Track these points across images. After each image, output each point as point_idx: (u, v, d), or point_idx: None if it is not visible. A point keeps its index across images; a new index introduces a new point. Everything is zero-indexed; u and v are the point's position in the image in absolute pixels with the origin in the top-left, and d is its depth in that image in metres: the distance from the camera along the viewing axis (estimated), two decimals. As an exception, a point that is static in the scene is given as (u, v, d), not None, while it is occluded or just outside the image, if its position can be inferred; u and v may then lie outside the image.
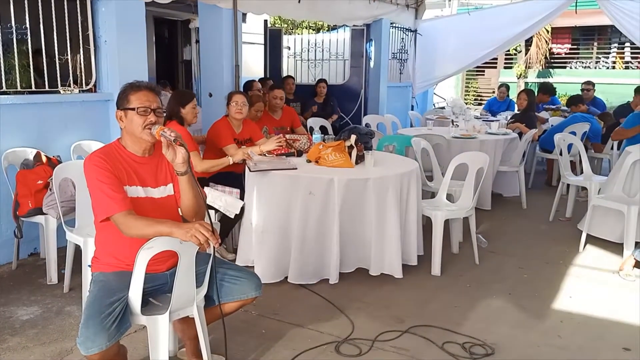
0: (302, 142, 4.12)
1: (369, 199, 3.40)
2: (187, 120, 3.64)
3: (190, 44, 9.12)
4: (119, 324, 1.92)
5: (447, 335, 2.85)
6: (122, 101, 2.14)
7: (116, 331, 1.90)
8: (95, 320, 1.88)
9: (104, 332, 1.86)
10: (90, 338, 1.85)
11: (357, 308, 3.14)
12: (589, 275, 3.76)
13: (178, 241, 1.96)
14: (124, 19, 4.08)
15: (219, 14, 5.10)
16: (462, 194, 3.90)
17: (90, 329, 1.86)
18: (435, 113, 8.07)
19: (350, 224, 3.40)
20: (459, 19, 9.13)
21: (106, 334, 1.86)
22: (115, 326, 1.90)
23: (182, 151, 2.01)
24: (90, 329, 1.86)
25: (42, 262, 3.64)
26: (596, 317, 3.13)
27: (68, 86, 4.05)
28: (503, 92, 8.62)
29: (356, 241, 3.47)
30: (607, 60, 13.35)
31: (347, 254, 3.45)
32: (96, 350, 1.85)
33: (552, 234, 4.69)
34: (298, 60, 8.37)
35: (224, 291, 2.21)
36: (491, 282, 3.58)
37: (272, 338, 2.78)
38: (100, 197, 2.04)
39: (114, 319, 1.91)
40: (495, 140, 5.36)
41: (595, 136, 6.41)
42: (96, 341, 1.84)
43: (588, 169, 5.00)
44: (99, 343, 1.84)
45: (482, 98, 14.27)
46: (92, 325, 1.87)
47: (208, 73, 5.41)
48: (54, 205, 3.27)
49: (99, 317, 1.89)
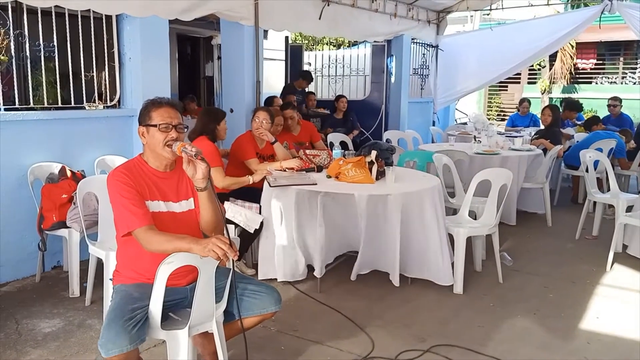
0: (322, 158, 4.11)
1: (389, 215, 3.37)
2: (220, 136, 3.74)
3: (212, 61, 9.26)
4: (140, 329, 1.93)
5: (470, 355, 2.78)
6: (144, 117, 2.16)
7: (137, 336, 1.90)
8: (117, 322, 1.89)
9: (125, 334, 1.86)
10: (112, 340, 1.85)
11: (378, 326, 3.09)
12: (616, 295, 3.65)
13: (198, 256, 1.96)
14: (148, 37, 4.17)
15: (241, 30, 5.17)
16: (485, 210, 3.83)
17: (112, 330, 1.87)
18: (457, 129, 8.01)
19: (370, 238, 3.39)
20: (482, 34, 9.09)
21: (128, 336, 1.86)
22: (136, 330, 1.90)
23: (202, 167, 2.02)
24: (112, 330, 1.87)
25: (65, 275, 3.68)
26: (624, 338, 3.02)
27: (93, 102, 4.13)
28: (525, 106, 8.51)
29: (376, 253, 3.49)
30: (633, 75, 13.12)
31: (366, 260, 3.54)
32: (117, 352, 1.84)
33: (579, 253, 4.57)
34: (319, 76, 8.42)
35: (243, 306, 2.20)
36: (515, 302, 3.49)
37: (291, 355, 2.75)
38: (122, 212, 2.06)
39: (135, 323, 1.92)
40: (519, 156, 5.27)
41: (620, 152, 6.27)
42: (117, 342, 1.85)
43: (615, 187, 4.88)
44: (120, 345, 1.84)
45: (505, 113, 14.13)
46: (114, 327, 1.88)
47: (229, 89, 5.48)
48: (77, 219, 3.32)
49: (121, 320, 1.90)
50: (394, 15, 7.18)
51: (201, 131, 3.64)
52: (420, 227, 3.45)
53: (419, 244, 3.50)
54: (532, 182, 5.41)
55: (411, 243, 3.52)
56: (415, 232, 3.48)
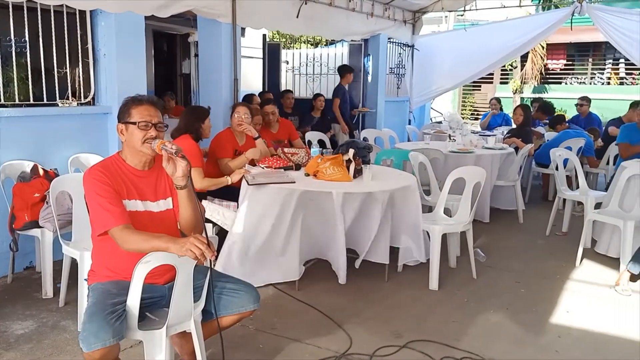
0: (301, 156, 4.13)
1: (366, 212, 3.41)
2: (204, 134, 3.71)
3: (189, 58, 9.17)
4: (122, 323, 1.91)
5: (445, 350, 2.83)
6: (123, 115, 2.14)
7: (120, 329, 1.88)
8: (99, 315, 1.87)
9: (108, 327, 1.84)
10: (94, 333, 1.82)
11: (355, 323, 3.12)
12: (586, 290, 3.76)
13: (176, 255, 1.95)
14: (123, 33, 4.11)
15: (218, 28, 5.14)
16: (460, 208, 3.90)
17: (95, 323, 1.84)
18: (432, 127, 8.12)
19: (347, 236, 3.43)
20: (456, 34, 9.22)
21: (111, 329, 1.84)
22: (119, 324, 1.88)
23: (182, 165, 2.01)
24: (94, 323, 1.84)
25: (38, 275, 3.62)
26: (594, 332, 3.12)
27: (66, 99, 4.06)
28: (494, 104, 8.68)
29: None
30: (602, 76, 13.48)
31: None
32: (99, 346, 1.81)
33: (549, 249, 4.69)
34: (296, 74, 8.42)
35: (222, 304, 2.20)
36: (489, 297, 3.57)
37: (270, 353, 2.76)
38: (98, 210, 2.03)
39: (117, 316, 1.90)
40: (492, 154, 5.38)
41: (589, 150, 6.45)
42: (99, 336, 1.82)
43: (584, 184, 5.02)
44: (103, 338, 1.82)
45: (479, 113, 14.36)
46: (96, 320, 1.85)
47: (207, 86, 5.44)
48: (50, 219, 3.26)
49: (103, 313, 1.88)
50: (370, 15, 7.23)
51: (185, 129, 3.60)
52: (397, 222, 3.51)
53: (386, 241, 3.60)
54: (505, 180, 5.53)
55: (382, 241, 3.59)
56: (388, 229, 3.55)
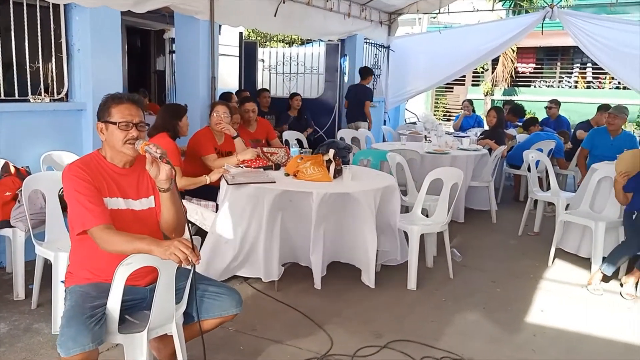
0: (280, 155, 4.11)
1: (346, 213, 3.42)
2: (182, 132, 3.64)
3: (164, 54, 9.02)
4: (102, 327, 1.86)
5: (424, 350, 2.86)
6: (103, 113, 2.08)
7: (100, 333, 1.83)
8: (78, 320, 1.82)
9: (87, 331, 1.79)
10: (72, 337, 1.77)
11: (336, 323, 3.13)
12: (558, 289, 3.85)
13: (158, 257, 1.91)
14: (98, 28, 4.01)
15: (196, 25, 5.07)
16: (437, 209, 3.95)
17: (73, 328, 1.79)
18: (407, 128, 8.19)
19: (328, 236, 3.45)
20: (431, 36, 9.30)
21: (90, 333, 1.79)
22: (99, 328, 1.84)
23: (166, 168, 1.97)
24: (72, 327, 1.79)
25: (8, 276, 3.50)
26: (568, 331, 3.20)
27: (39, 95, 3.94)
28: (467, 106, 8.83)
29: (333, 250, 3.58)
30: (569, 79, 13.86)
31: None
32: (78, 351, 1.76)
33: (522, 248, 4.80)
34: (273, 73, 8.37)
35: (204, 307, 2.17)
36: (466, 296, 3.63)
37: (251, 354, 2.74)
38: (77, 209, 1.97)
39: (97, 320, 1.85)
40: (467, 155, 5.47)
41: (559, 152, 6.62)
42: (78, 340, 1.77)
43: (555, 185, 5.14)
44: (82, 342, 1.77)
45: (451, 114, 14.58)
46: (75, 324, 1.80)
47: (184, 84, 5.36)
48: (22, 218, 3.16)
49: (82, 317, 1.83)
50: (347, 15, 7.25)
51: (162, 127, 3.53)
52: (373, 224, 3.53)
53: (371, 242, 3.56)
54: (479, 181, 5.62)
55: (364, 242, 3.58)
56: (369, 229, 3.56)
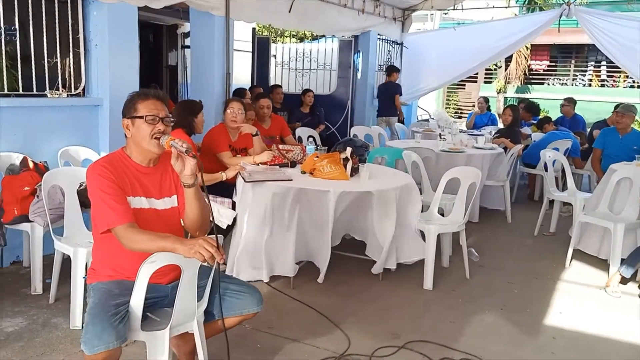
0: (296, 153, 4.09)
1: (364, 212, 3.40)
2: (197, 129, 3.62)
3: (176, 49, 9.02)
4: (125, 325, 1.87)
5: (443, 351, 2.84)
6: (129, 109, 2.08)
7: (124, 331, 1.85)
8: (102, 317, 1.83)
9: (111, 329, 1.80)
10: (97, 335, 1.78)
11: (352, 322, 3.11)
12: (576, 291, 3.81)
13: (181, 255, 1.90)
14: (116, 23, 4.01)
15: (211, 21, 5.05)
16: (454, 208, 3.92)
17: (98, 325, 1.80)
18: (420, 125, 8.13)
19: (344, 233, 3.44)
20: (445, 33, 9.27)
21: (114, 331, 1.80)
22: (122, 326, 1.85)
23: (191, 163, 1.97)
24: (97, 325, 1.80)
25: (25, 271, 3.52)
26: (587, 334, 3.16)
27: (56, 90, 3.94)
28: (481, 102, 8.74)
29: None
30: (583, 77, 13.71)
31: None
32: (102, 349, 1.77)
33: (538, 249, 4.75)
34: (285, 69, 8.35)
35: (225, 306, 2.16)
36: (482, 297, 3.60)
37: (268, 353, 2.73)
38: (102, 207, 1.97)
39: (120, 318, 1.86)
40: (482, 154, 5.42)
41: (575, 151, 6.55)
42: (103, 338, 1.78)
43: (572, 186, 5.09)
44: (106, 340, 1.78)
45: (463, 111, 14.49)
46: (100, 322, 1.81)
47: (198, 80, 5.36)
48: (41, 213, 3.16)
49: (106, 315, 1.84)
50: (361, 11, 7.21)
51: (178, 124, 3.52)
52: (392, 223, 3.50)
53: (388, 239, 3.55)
54: (494, 180, 5.57)
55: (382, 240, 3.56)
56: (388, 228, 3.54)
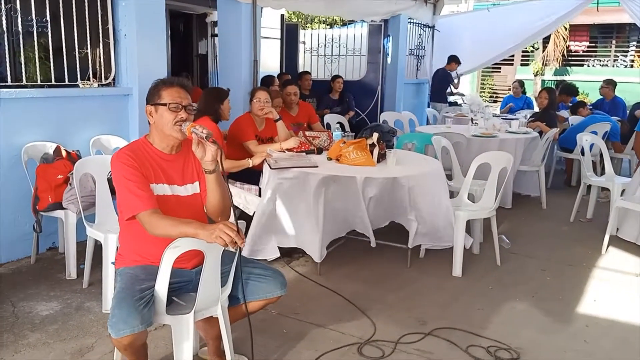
0: (322, 140, 4.07)
1: (391, 198, 3.36)
2: (223, 116, 3.66)
3: (206, 38, 9.09)
4: (150, 309, 1.91)
5: (471, 338, 2.79)
6: (153, 96, 2.10)
7: (149, 316, 1.89)
8: (128, 301, 1.87)
9: (136, 313, 1.84)
10: (123, 319, 1.83)
11: (378, 309, 3.09)
12: (612, 278, 3.69)
13: (203, 241, 1.92)
14: (144, 13, 4.06)
15: (238, 8, 5.06)
16: (485, 194, 3.83)
17: (124, 310, 1.85)
18: (452, 110, 7.98)
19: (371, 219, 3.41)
20: (478, 15, 9.03)
21: (139, 315, 1.84)
22: (147, 310, 1.89)
23: (212, 149, 1.98)
24: (123, 309, 1.85)
25: (61, 256, 3.64)
26: (621, 322, 3.06)
27: (87, 80, 4.03)
28: (516, 87, 8.50)
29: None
30: (625, 58, 13.16)
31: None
32: (128, 332, 1.82)
33: (574, 235, 4.61)
34: (314, 55, 8.30)
35: (249, 290, 2.18)
36: (513, 284, 3.52)
37: (294, 338, 2.75)
38: (126, 195, 2.01)
39: (146, 302, 1.91)
40: (515, 139, 5.27)
41: (614, 135, 6.30)
42: (129, 322, 1.82)
43: (610, 170, 4.91)
44: (132, 324, 1.82)
45: (498, 95, 14.13)
46: (126, 306, 1.86)
47: (226, 68, 5.38)
48: (74, 200, 3.25)
49: (132, 299, 1.88)
50: (391, -6, 7.08)
51: (204, 111, 3.55)
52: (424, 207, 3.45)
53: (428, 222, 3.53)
54: (528, 165, 5.42)
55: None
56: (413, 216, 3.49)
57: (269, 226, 3.51)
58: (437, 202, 3.53)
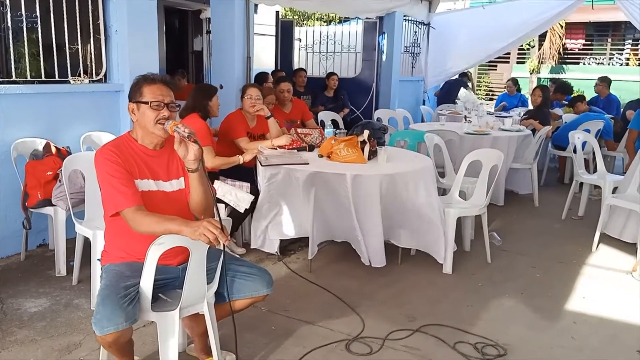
0: (314, 137, 4.06)
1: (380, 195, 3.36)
2: (212, 113, 3.64)
3: (201, 35, 9.05)
4: (135, 307, 1.91)
5: (458, 335, 2.80)
6: (135, 94, 2.09)
7: (133, 313, 1.88)
8: (112, 299, 1.87)
9: (120, 310, 1.84)
10: (107, 316, 1.82)
11: (368, 306, 3.10)
12: (602, 276, 3.70)
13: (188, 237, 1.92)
14: (135, 9, 4.04)
15: (231, 4, 5.05)
16: (476, 191, 3.84)
17: (108, 307, 1.84)
18: (447, 108, 7.98)
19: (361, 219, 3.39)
20: (473, 12, 8.99)
21: (123, 313, 1.84)
22: (132, 307, 1.88)
23: (194, 148, 1.96)
24: (107, 307, 1.84)
25: (51, 253, 3.63)
26: (610, 319, 3.07)
27: (78, 76, 4.01)
28: (510, 85, 8.51)
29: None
30: (620, 56, 13.17)
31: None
32: (112, 330, 1.82)
33: (565, 233, 4.62)
34: (309, 52, 8.27)
35: (235, 288, 2.18)
36: (503, 281, 3.53)
37: (282, 335, 2.75)
38: (110, 191, 2.00)
39: (130, 299, 1.90)
40: (508, 137, 5.27)
41: (607, 133, 6.31)
42: (112, 320, 1.82)
43: (602, 168, 4.92)
44: (115, 322, 1.82)
45: (494, 93, 14.12)
46: (110, 303, 1.85)
47: (219, 64, 5.37)
48: (63, 197, 3.25)
49: (116, 297, 1.88)
50: (386, -9, 7.07)
51: (193, 108, 3.54)
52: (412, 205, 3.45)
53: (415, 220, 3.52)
54: (521, 163, 5.43)
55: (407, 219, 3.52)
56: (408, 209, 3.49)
57: (268, 219, 3.56)
58: (427, 199, 3.53)
